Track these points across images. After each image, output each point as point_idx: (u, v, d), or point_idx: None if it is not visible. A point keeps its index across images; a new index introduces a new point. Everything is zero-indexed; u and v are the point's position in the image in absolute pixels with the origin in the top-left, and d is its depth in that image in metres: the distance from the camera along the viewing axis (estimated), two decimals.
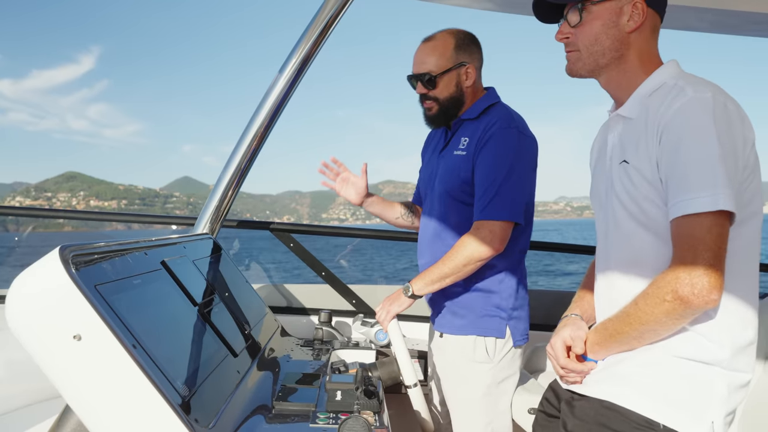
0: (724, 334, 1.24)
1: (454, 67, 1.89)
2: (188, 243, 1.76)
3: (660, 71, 1.34)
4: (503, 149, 1.79)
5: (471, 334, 1.86)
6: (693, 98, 1.21)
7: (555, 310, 1.95)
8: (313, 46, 2.14)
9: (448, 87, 1.90)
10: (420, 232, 2.06)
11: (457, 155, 1.88)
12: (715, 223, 1.16)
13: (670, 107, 1.23)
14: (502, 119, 1.83)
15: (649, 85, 1.33)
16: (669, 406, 1.23)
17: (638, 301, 1.24)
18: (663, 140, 1.23)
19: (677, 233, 1.20)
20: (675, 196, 1.20)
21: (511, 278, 1.89)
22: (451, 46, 1.90)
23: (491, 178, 1.78)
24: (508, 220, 1.78)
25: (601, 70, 1.39)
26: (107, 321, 0.97)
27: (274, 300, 2.69)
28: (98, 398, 0.98)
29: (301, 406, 1.39)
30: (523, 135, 1.83)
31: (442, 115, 1.94)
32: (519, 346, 1.89)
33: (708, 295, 1.14)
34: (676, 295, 1.16)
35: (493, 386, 1.86)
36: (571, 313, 1.51)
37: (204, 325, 1.44)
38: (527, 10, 2.36)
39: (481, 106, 1.91)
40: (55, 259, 0.98)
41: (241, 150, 2.22)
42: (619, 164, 1.34)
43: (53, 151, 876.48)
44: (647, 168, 1.26)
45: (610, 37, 1.35)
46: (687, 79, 1.28)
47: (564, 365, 1.38)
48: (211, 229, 2.24)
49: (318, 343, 2.16)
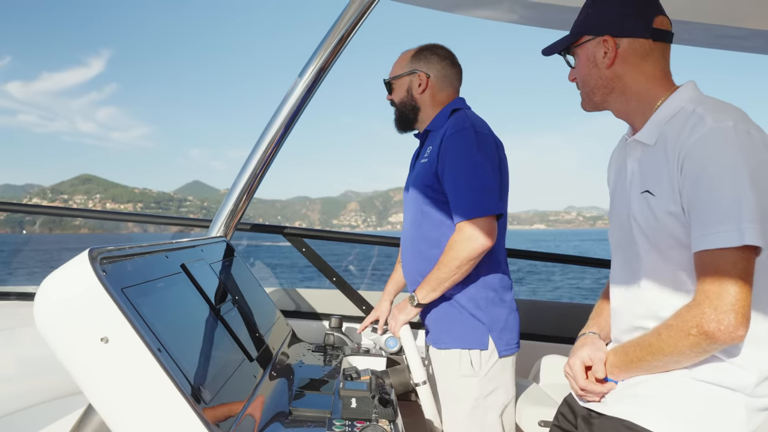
0: (752, 363, 1.23)
1: (405, 73, 2.05)
2: (205, 246, 1.78)
3: (676, 95, 1.32)
4: (463, 148, 1.83)
5: (455, 348, 1.89)
6: (714, 128, 1.18)
7: (565, 322, 1.96)
8: (332, 52, 2.16)
9: (400, 92, 2.06)
10: (401, 244, 2.14)
11: (422, 163, 1.96)
12: (740, 257, 1.14)
13: (689, 137, 1.21)
14: (457, 122, 1.88)
15: (666, 111, 1.31)
16: (690, 427, 1.22)
17: (661, 332, 1.23)
18: (684, 170, 1.21)
19: (701, 266, 1.18)
20: (698, 230, 1.18)
21: (486, 287, 1.91)
22: (409, 56, 2.06)
23: (459, 179, 1.82)
24: (487, 215, 1.80)
25: (603, 105, 1.43)
26: (134, 324, 0.98)
27: (285, 304, 2.71)
28: (122, 400, 0.99)
29: (316, 412, 1.40)
30: (480, 133, 1.87)
31: (399, 118, 2.09)
32: (506, 356, 1.90)
33: (735, 331, 1.13)
34: (702, 330, 1.15)
35: (480, 399, 1.87)
36: (589, 330, 1.50)
37: (222, 329, 1.45)
38: (542, 22, 2.37)
39: (445, 114, 1.98)
40: (85, 262, 0.99)
41: (258, 155, 2.24)
42: (640, 194, 1.32)
43: (63, 153, 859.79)
44: (670, 198, 1.24)
45: (594, 77, 1.40)
46: (706, 104, 1.25)
47: (584, 387, 1.37)
48: (225, 233, 2.25)
49: (329, 349, 2.17)
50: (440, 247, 1.88)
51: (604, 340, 1.47)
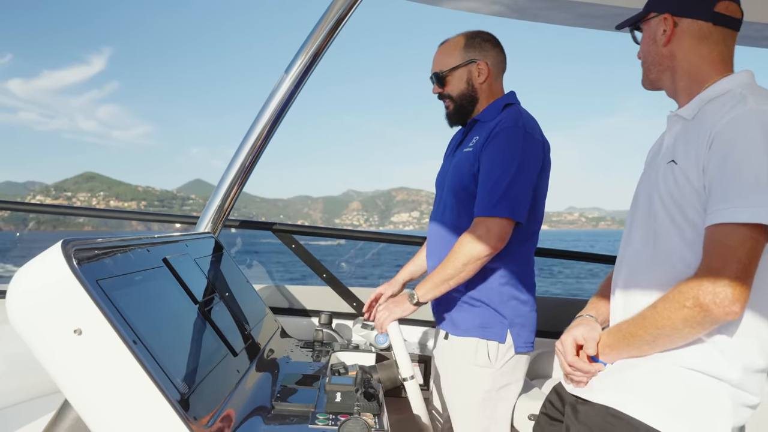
0: (738, 354, 1.22)
1: (463, 63, 1.94)
2: (190, 241, 1.76)
3: (729, 78, 1.32)
4: (507, 147, 1.79)
5: (474, 337, 1.85)
6: (752, 109, 1.18)
7: (560, 317, 1.94)
8: (320, 46, 2.14)
9: (459, 84, 1.96)
10: (429, 233, 2.06)
11: (466, 152, 1.90)
12: (750, 236, 1.13)
13: (726, 114, 1.20)
14: (510, 118, 1.83)
15: (714, 91, 1.31)
16: (674, 417, 1.21)
17: (657, 305, 1.22)
18: (713, 147, 1.20)
19: (709, 241, 1.17)
20: (714, 204, 1.17)
21: (513, 284, 1.87)
22: (461, 45, 1.96)
23: (493, 175, 1.78)
24: (507, 218, 1.75)
25: (658, 83, 1.44)
26: (108, 316, 0.97)
27: (275, 301, 2.68)
28: (97, 393, 0.98)
29: (300, 406, 1.38)
30: (529, 135, 1.82)
31: (458, 112, 1.98)
32: (522, 353, 1.88)
33: (730, 306, 1.11)
34: (697, 301, 1.14)
35: (492, 391, 1.85)
36: (587, 313, 1.50)
37: (204, 324, 1.43)
38: (533, 16, 2.35)
39: (498, 106, 1.92)
40: (57, 253, 0.98)
41: (245, 150, 2.22)
42: (667, 163, 1.32)
43: (64, 151, 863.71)
44: (693, 172, 1.23)
45: (652, 53, 1.42)
46: (754, 90, 1.25)
47: (572, 363, 1.36)
48: (213, 229, 2.24)
49: (318, 345, 2.16)
50: None
51: (601, 325, 1.46)
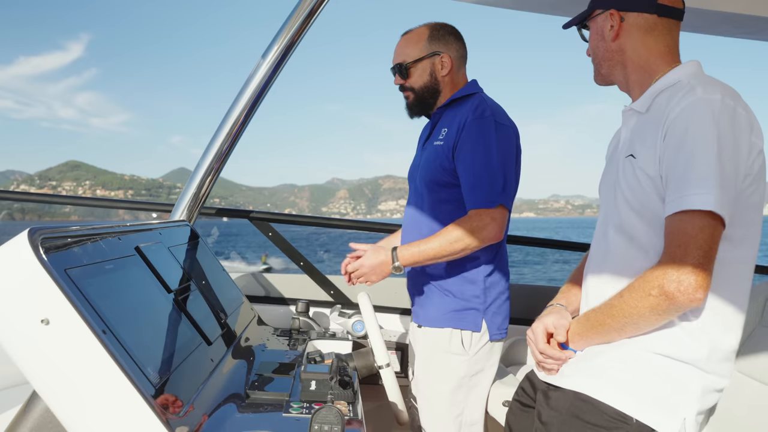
0: (704, 334, 1.25)
1: (427, 56, 1.94)
2: (164, 229, 1.74)
3: (677, 69, 1.35)
4: (481, 138, 1.80)
5: (447, 327, 1.87)
6: (701, 98, 1.20)
7: (534, 304, 1.96)
8: (297, 31, 2.12)
9: (422, 76, 1.96)
10: (404, 222, 2.07)
11: (437, 146, 1.90)
12: (708, 223, 1.16)
13: (678, 105, 1.23)
14: (477, 109, 1.84)
15: (664, 82, 1.34)
16: (642, 401, 1.23)
17: (623, 294, 1.25)
18: (667, 138, 1.23)
19: (669, 230, 1.20)
20: (671, 194, 1.20)
21: (488, 272, 1.89)
22: (425, 37, 1.95)
23: (477, 168, 1.79)
24: (507, 207, 1.79)
25: (610, 78, 1.47)
26: (76, 305, 0.95)
27: (252, 289, 2.67)
28: (66, 384, 0.96)
29: (274, 395, 1.38)
30: (499, 123, 1.84)
31: (418, 104, 1.99)
32: (496, 340, 1.90)
33: (693, 293, 1.14)
34: (662, 290, 1.16)
35: (466, 378, 1.87)
36: (557, 302, 1.52)
37: (178, 313, 1.42)
38: (516, 4, 2.34)
39: (461, 96, 1.93)
40: (23, 241, 0.96)
41: (221, 136, 2.20)
42: (625, 158, 1.34)
43: (43, 139, 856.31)
44: (650, 163, 1.26)
45: (601, 49, 1.46)
46: (701, 79, 1.28)
47: (542, 350, 1.39)
48: (188, 217, 2.21)
49: (295, 333, 2.15)
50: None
51: (572, 314, 1.48)
